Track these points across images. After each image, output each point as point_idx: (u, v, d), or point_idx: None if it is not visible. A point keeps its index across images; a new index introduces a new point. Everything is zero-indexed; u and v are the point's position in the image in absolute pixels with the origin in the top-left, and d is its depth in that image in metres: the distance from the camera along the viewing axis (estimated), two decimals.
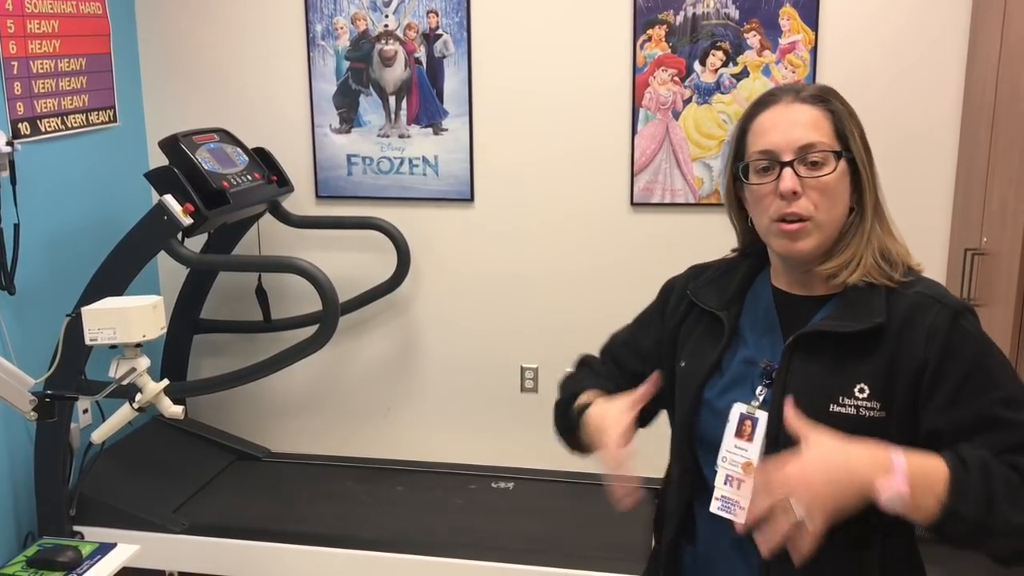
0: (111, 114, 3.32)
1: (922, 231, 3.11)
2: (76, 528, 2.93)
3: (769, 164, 1.36)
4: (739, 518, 1.35)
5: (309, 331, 2.89)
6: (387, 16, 3.26)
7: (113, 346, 1.81)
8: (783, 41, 3.04)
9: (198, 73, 3.45)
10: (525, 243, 3.37)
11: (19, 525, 2.97)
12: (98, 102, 3.24)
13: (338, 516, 3.08)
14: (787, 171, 1.33)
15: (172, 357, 3.45)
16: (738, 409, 1.37)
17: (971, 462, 1.20)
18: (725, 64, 3.08)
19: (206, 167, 2.85)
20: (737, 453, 1.36)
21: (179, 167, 2.81)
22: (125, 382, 1.83)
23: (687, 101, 3.13)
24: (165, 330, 1.85)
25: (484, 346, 3.46)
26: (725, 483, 1.37)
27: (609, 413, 1.40)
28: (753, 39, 3.05)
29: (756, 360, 1.40)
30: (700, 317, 1.48)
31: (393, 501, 3.21)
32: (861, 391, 1.30)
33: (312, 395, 3.63)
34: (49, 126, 3.00)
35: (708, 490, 1.41)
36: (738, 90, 3.09)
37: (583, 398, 1.50)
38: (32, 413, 1.84)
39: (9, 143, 2.73)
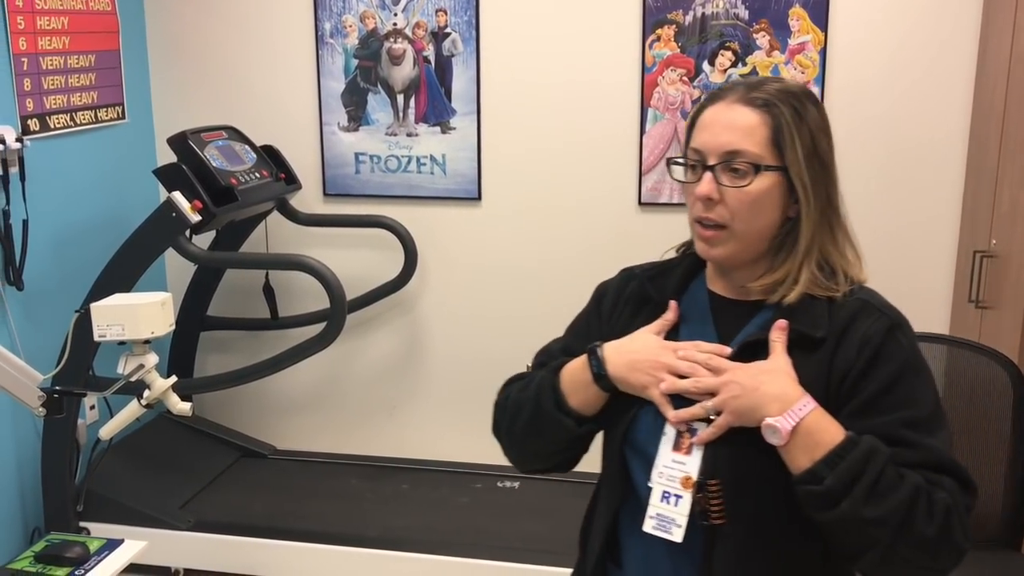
0: (120, 111, 3.33)
1: (930, 232, 3.10)
2: (82, 524, 2.93)
3: (696, 164, 1.33)
4: (676, 536, 1.29)
5: (315, 329, 2.89)
6: (396, 14, 3.26)
7: (122, 343, 1.82)
8: (792, 42, 3.03)
9: (206, 70, 3.45)
10: (532, 242, 3.37)
11: (26, 520, 2.97)
12: (107, 99, 3.25)
13: (343, 514, 3.09)
14: (706, 176, 1.30)
15: (179, 354, 3.46)
16: (702, 420, 1.30)
17: (863, 443, 1.21)
18: (734, 64, 3.08)
19: (214, 164, 2.85)
20: (675, 468, 1.30)
21: (188, 164, 2.81)
22: (133, 378, 1.83)
23: (695, 101, 3.12)
24: (174, 327, 1.85)
25: (490, 345, 3.46)
26: (662, 500, 1.31)
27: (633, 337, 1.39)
28: (762, 39, 3.04)
29: None
30: (640, 318, 1.43)
31: (398, 499, 3.21)
32: None
33: (318, 393, 3.64)
34: (58, 122, 3.01)
35: (637, 500, 1.36)
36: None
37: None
38: (41, 409, 1.85)
39: (19, 139, 2.73)
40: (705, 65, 3.09)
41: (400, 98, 3.33)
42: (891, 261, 3.12)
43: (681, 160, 1.35)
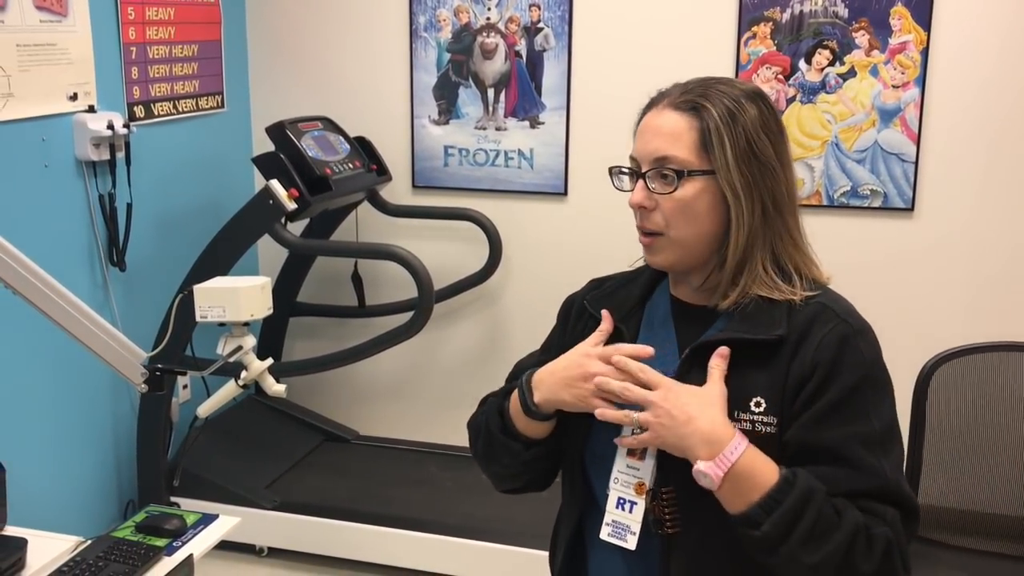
0: (219, 100, 3.42)
1: None
2: (173, 499, 3.03)
3: (631, 172, 1.33)
4: (630, 544, 1.28)
5: (401, 318, 2.93)
6: (489, 9, 3.29)
7: (221, 324, 1.87)
8: (893, 41, 2.97)
9: (303, 62, 3.53)
10: (617, 239, 3.33)
11: (120, 493, 3.09)
12: (207, 88, 3.35)
13: (423, 501, 3.13)
14: (638, 184, 1.30)
15: (268, 338, 3.55)
16: (630, 427, 1.28)
17: (799, 485, 1.17)
18: (831, 63, 3.02)
19: (310, 154, 2.92)
20: (629, 473, 1.28)
21: (285, 153, 2.88)
22: (232, 359, 1.88)
23: (791, 100, 3.08)
24: (271, 311, 1.90)
25: None
26: (617, 506, 1.29)
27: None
28: (862, 38, 2.98)
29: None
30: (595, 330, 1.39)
31: (478, 488, 3.22)
32: (757, 405, 1.24)
33: (401, 380, 3.69)
34: (162, 110, 3.11)
35: (599, 509, 1.33)
36: (844, 90, 3.02)
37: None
38: (143, 385, 1.91)
39: (125, 125, 2.83)
40: (801, 64, 3.05)
41: (490, 92, 3.36)
42: (994, 267, 3.03)
43: (625, 169, 1.34)
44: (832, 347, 1.23)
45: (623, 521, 1.29)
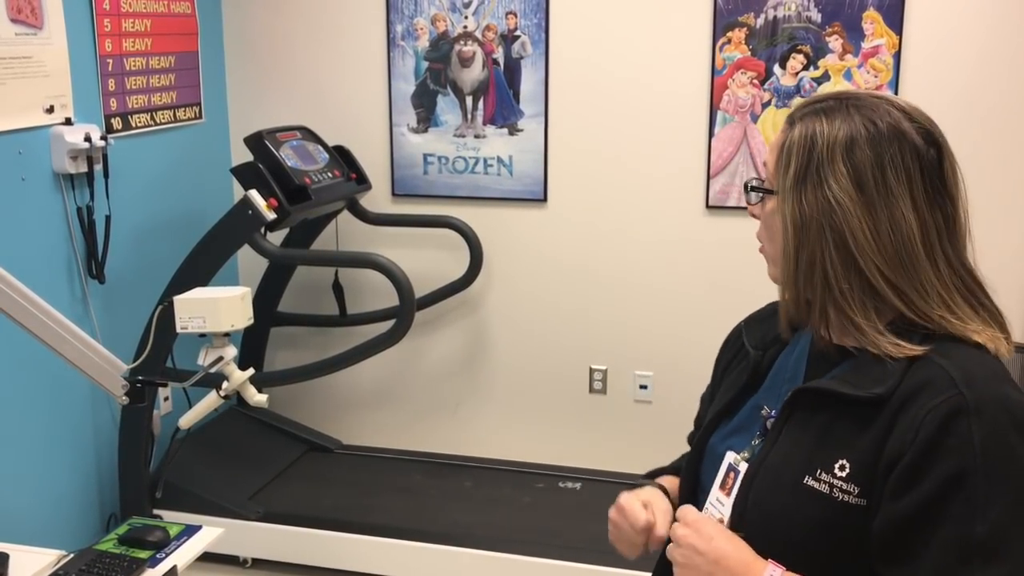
0: (197, 111, 3.42)
1: (1011, 248, 3.04)
2: (156, 512, 3.02)
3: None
4: None
5: (382, 326, 2.94)
6: (466, 17, 3.30)
7: (202, 335, 1.87)
8: (866, 45, 3.00)
9: (281, 72, 3.53)
10: (598, 244, 3.38)
11: (103, 506, 3.07)
12: (185, 99, 3.34)
13: (407, 509, 3.13)
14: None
15: (249, 348, 3.54)
16: (728, 458, 1.24)
17: None
18: (806, 67, 3.05)
19: (289, 164, 2.92)
20: (716, 507, 1.23)
21: (264, 163, 2.88)
22: (213, 370, 1.89)
23: (766, 104, 3.11)
24: (252, 321, 1.90)
25: (553, 346, 3.48)
26: None
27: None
28: (835, 43, 3.01)
29: (763, 407, 1.25)
30: (744, 356, 1.34)
31: (461, 496, 3.24)
32: (841, 468, 1.09)
33: (384, 389, 3.69)
34: (139, 122, 3.11)
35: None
36: (818, 94, 3.05)
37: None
38: (124, 397, 1.91)
39: (103, 137, 2.82)
40: (776, 68, 3.08)
41: (468, 100, 3.37)
42: None
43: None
44: (934, 424, 1.04)
45: None
